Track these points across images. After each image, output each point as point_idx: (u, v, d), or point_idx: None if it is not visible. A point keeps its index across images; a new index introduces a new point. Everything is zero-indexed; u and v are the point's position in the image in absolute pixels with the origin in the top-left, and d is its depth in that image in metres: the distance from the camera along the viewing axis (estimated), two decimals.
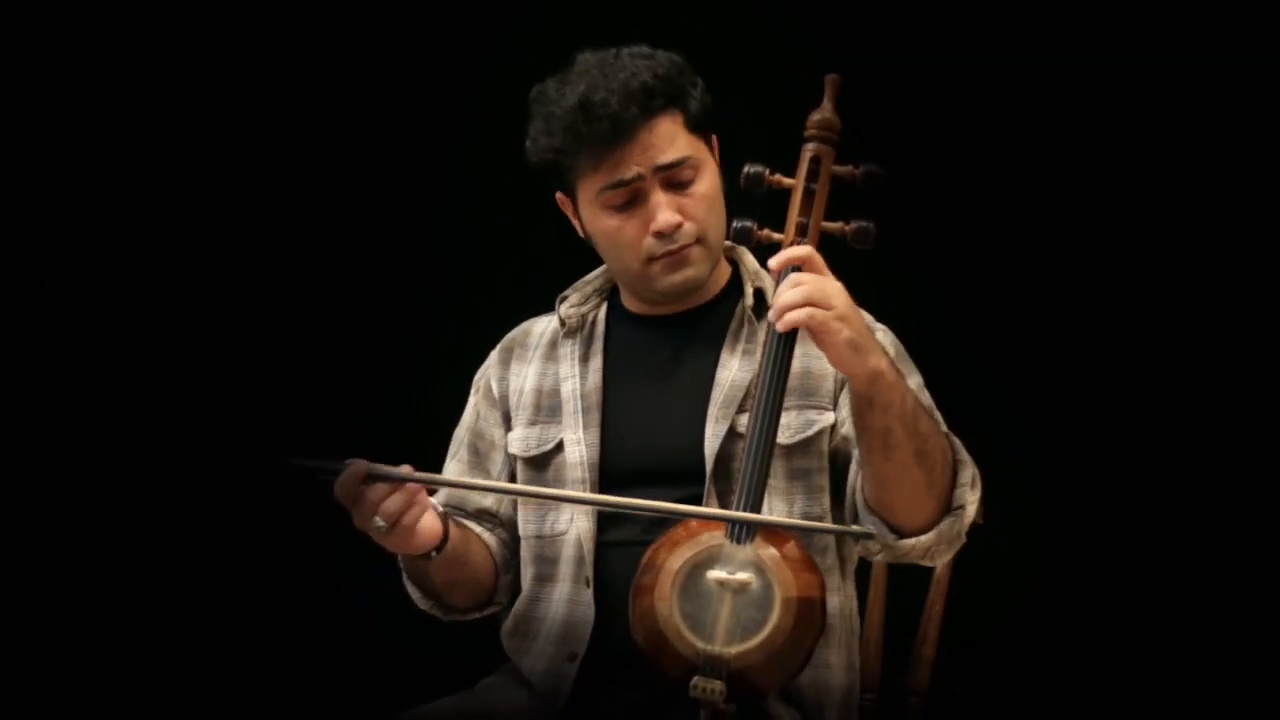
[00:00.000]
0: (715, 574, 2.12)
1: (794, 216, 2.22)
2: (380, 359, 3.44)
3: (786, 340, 2.18)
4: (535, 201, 3.32)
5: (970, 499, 2.21)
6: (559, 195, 2.43)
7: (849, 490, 2.28)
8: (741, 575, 2.12)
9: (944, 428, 2.25)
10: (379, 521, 2.20)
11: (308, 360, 3.44)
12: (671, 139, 2.31)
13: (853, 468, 2.28)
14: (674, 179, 2.32)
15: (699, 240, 2.34)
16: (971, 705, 3.08)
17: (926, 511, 2.18)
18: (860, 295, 2.16)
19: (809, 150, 2.22)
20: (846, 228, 2.21)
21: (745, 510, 2.15)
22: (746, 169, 2.23)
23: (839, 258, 2.17)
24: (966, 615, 2.60)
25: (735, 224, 2.24)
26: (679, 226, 2.32)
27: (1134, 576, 3.23)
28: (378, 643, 3.33)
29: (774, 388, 2.18)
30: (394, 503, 2.20)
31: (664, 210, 2.31)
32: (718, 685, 2.09)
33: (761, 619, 2.11)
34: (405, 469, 2.22)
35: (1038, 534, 3.13)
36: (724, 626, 2.11)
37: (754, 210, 2.24)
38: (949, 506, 2.19)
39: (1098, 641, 3.24)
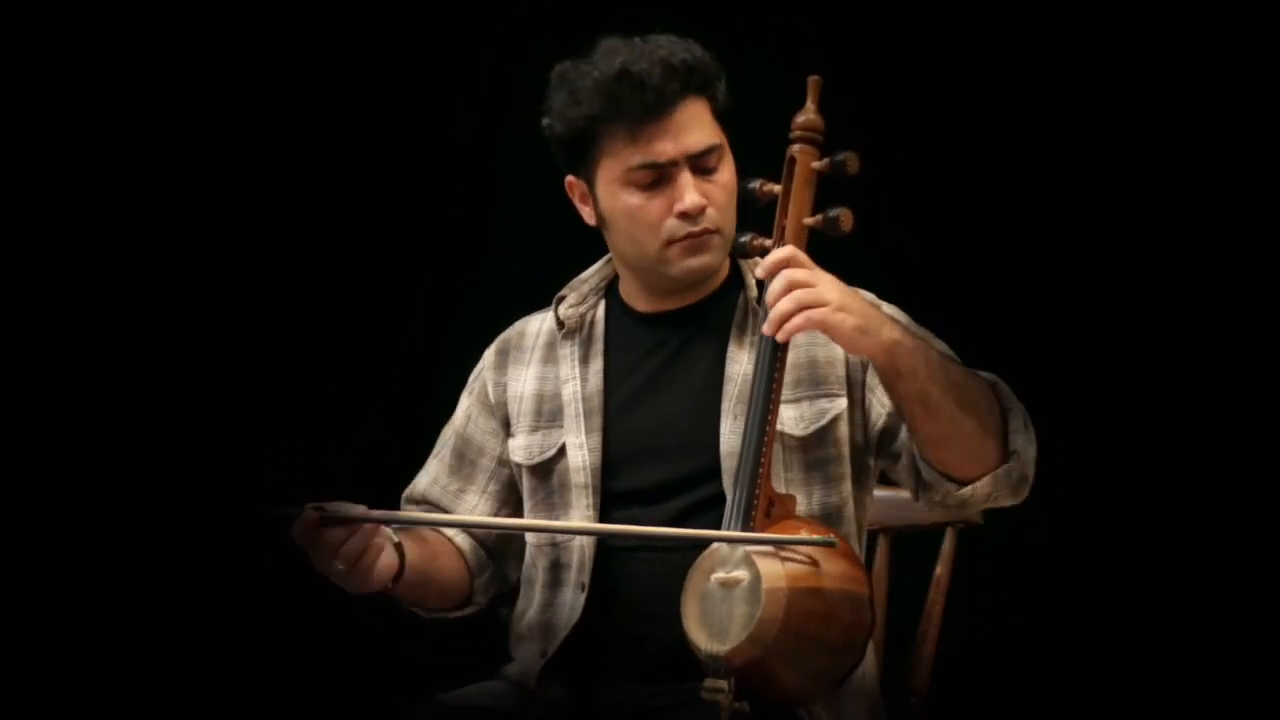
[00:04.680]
0: (716, 575, 2.11)
1: (779, 219, 2.23)
2: (380, 361, 3.44)
3: (774, 347, 2.18)
4: (536, 202, 3.33)
5: (1024, 444, 2.21)
6: (569, 179, 2.39)
7: (901, 450, 2.28)
8: (736, 573, 2.10)
9: (984, 375, 2.24)
10: (338, 565, 2.17)
11: (308, 361, 3.45)
12: (702, 122, 2.30)
13: (904, 429, 2.26)
14: (702, 165, 2.31)
15: (718, 230, 2.32)
16: (971, 705, 3.08)
17: (988, 454, 2.19)
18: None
19: (792, 152, 2.23)
20: (822, 220, 2.20)
21: (738, 517, 2.14)
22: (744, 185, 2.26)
23: (838, 254, 2.19)
24: (966, 615, 2.60)
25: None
26: (704, 210, 2.30)
27: (1134, 576, 3.23)
28: (377, 643, 3.33)
29: (765, 395, 2.17)
30: (353, 546, 2.17)
31: (691, 192, 2.29)
32: (722, 685, 2.07)
33: (751, 612, 2.07)
34: (360, 509, 2.17)
35: (1038, 534, 3.13)
36: (719, 625, 2.09)
37: (750, 221, 2.26)
38: (1006, 447, 2.20)
39: (1097, 641, 3.24)
